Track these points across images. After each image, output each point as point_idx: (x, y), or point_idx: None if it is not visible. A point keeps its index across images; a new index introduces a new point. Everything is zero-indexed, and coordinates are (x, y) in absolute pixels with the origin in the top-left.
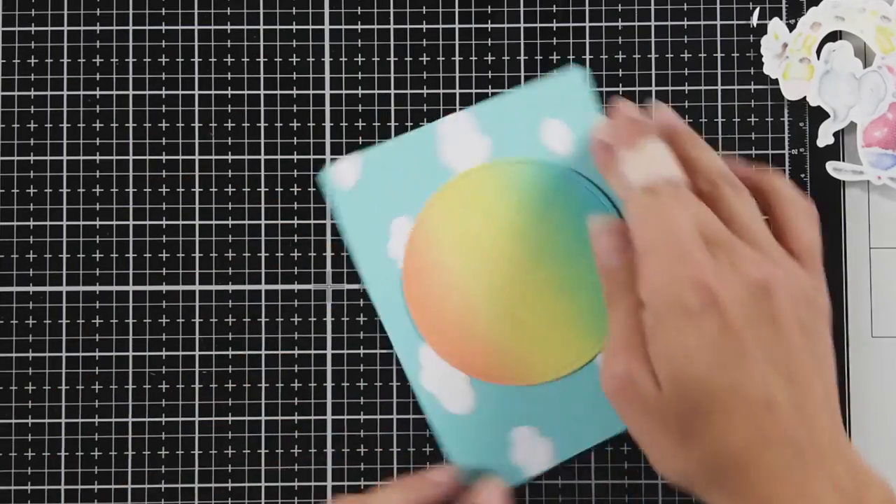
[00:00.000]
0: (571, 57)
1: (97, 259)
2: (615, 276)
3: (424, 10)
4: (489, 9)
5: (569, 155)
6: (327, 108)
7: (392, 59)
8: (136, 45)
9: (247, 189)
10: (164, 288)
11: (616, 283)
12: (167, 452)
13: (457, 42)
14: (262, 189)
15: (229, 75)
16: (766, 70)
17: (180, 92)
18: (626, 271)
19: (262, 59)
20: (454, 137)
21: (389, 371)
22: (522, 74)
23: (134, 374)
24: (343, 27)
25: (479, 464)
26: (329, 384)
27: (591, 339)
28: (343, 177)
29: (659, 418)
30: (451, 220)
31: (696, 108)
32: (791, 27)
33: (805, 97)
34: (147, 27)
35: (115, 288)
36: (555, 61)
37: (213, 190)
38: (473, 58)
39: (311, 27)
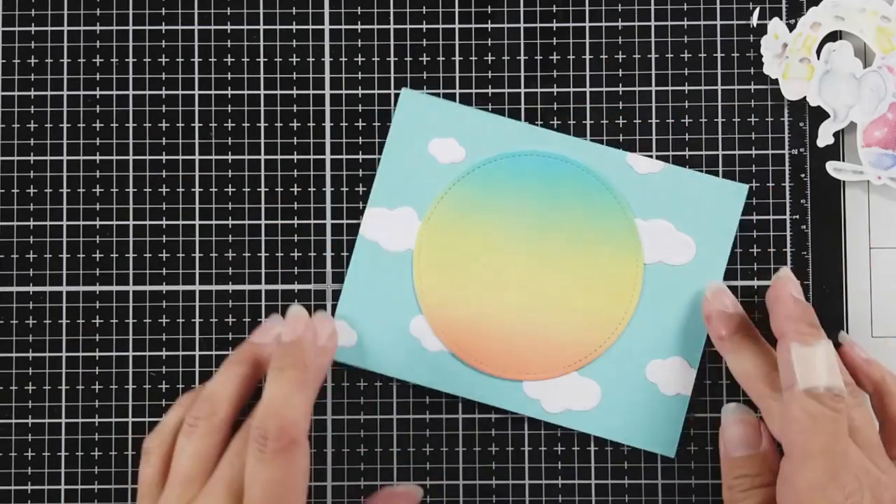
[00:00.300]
0: (571, 57)
1: (97, 259)
2: (740, 467)
3: (424, 10)
4: (489, 9)
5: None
6: (327, 108)
7: (392, 59)
8: (136, 45)
9: (247, 189)
10: (164, 288)
11: (740, 473)
12: None
13: (457, 42)
14: (262, 189)
15: (229, 75)
16: (766, 70)
17: (180, 92)
18: (752, 462)
19: (262, 59)
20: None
21: None
22: (522, 74)
23: (134, 374)
24: (343, 27)
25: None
26: (329, 384)
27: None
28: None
29: None
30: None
31: (696, 108)
32: (791, 27)
33: (805, 97)
34: (147, 27)
35: (115, 288)
36: (555, 61)
37: (213, 190)
38: (473, 58)
39: (311, 27)
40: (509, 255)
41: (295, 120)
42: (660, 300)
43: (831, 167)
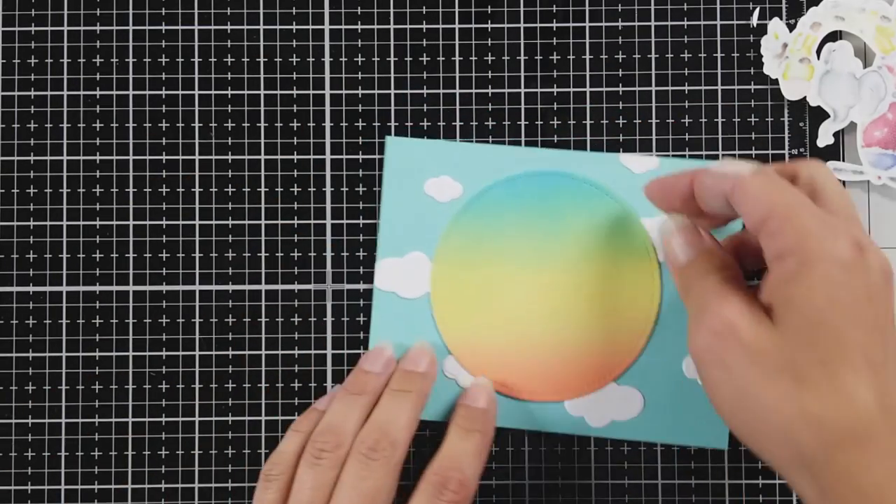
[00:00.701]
0: (571, 57)
1: (97, 259)
2: (690, 269)
3: (424, 10)
4: (489, 9)
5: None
6: (327, 108)
7: (392, 59)
8: (136, 45)
9: (247, 189)
10: (164, 288)
11: (691, 273)
12: (167, 452)
13: (457, 42)
14: (262, 189)
15: (229, 75)
16: (766, 70)
17: (180, 92)
18: (703, 259)
19: (262, 59)
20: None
21: None
22: (522, 74)
23: (134, 374)
24: (343, 27)
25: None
26: (329, 384)
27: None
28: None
29: (769, 364)
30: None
31: (696, 108)
32: (791, 27)
33: (805, 97)
34: (147, 27)
35: (115, 288)
36: (555, 61)
37: (213, 190)
38: (473, 58)
39: (311, 27)
40: (525, 278)
41: (295, 120)
42: None
43: (831, 167)
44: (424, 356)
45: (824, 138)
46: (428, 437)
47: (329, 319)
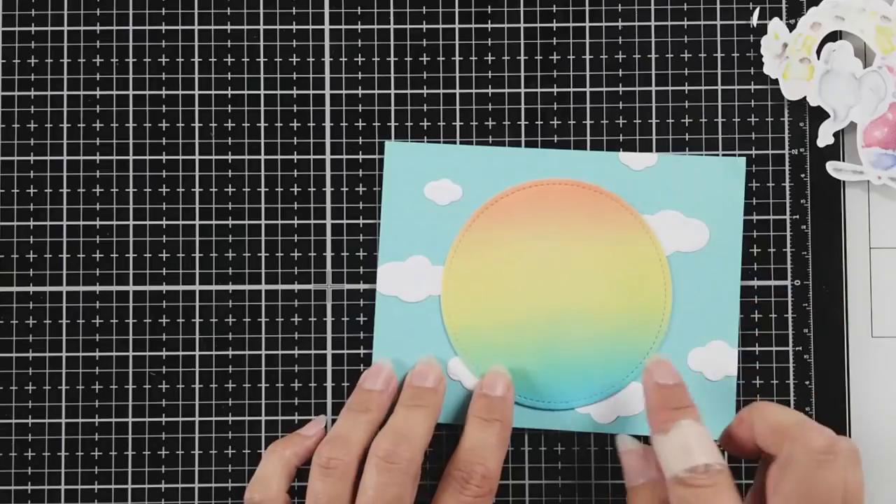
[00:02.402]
0: (571, 57)
1: (97, 259)
2: (639, 494)
3: (424, 10)
4: (489, 9)
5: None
6: (327, 108)
7: (392, 59)
8: (136, 45)
9: (247, 189)
10: (164, 288)
11: (640, 498)
12: (167, 452)
13: (457, 42)
14: (262, 189)
15: (229, 75)
16: (766, 70)
17: (180, 92)
18: (648, 490)
19: (262, 59)
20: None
21: None
22: (522, 74)
23: (134, 374)
24: (343, 27)
25: None
26: (329, 384)
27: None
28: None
29: None
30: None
31: (696, 108)
32: (791, 27)
33: (805, 97)
34: (147, 27)
35: (115, 288)
36: (555, 61)
37: (213, 190)
38: (473, 58)
39: (311, 27)
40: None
41: (295, 120)
42: (686, 290)
43: (831, 167)
44: (431, 371)
45: (824, 138)
46: (444, 437)
47: (329, 319)
